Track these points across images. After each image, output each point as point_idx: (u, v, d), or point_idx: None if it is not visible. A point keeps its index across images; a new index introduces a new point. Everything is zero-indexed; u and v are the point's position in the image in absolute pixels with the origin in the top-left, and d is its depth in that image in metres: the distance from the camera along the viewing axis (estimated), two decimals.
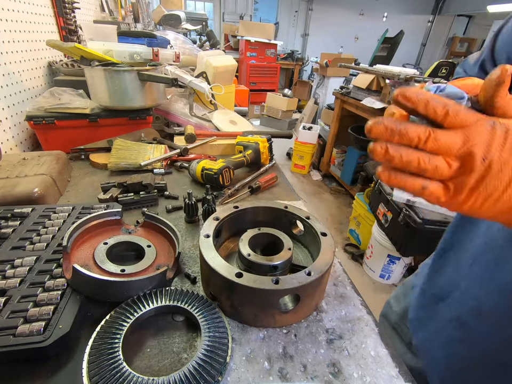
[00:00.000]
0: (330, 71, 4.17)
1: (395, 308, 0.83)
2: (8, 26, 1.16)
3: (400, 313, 0.80)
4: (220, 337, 0.48)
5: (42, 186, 0.80)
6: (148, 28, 3.57)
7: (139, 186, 0.88)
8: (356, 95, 2.98)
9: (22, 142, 1.19)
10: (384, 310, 0.89)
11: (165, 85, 1.35)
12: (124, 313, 0.50)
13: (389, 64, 3.52)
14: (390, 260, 2.11)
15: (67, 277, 0.54)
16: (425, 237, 1.60)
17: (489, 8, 6.28)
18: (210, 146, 1.25)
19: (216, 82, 1.52)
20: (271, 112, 5.49)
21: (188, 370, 0.43)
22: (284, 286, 0.49)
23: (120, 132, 1.19)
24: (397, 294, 0.86)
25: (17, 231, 0.66)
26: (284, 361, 0.50)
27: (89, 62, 1.13)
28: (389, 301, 0.89)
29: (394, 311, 0.83)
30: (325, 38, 8.00)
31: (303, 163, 3.88)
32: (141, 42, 1.31)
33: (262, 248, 0.67)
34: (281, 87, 7.04)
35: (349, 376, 0.48)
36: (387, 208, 1.83)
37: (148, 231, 0.71)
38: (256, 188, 0.99)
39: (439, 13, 8.17)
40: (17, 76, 1.21)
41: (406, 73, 2.30)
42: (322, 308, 0.60)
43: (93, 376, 0.41)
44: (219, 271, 0.51)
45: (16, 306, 0.49)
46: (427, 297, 0.65)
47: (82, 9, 2.09)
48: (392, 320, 0.83)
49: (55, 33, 1.65)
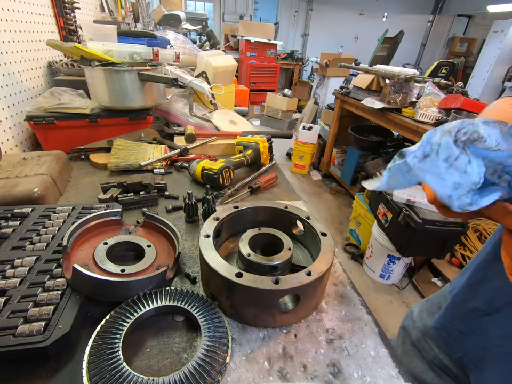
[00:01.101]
0: (330, 71, 4.17)
1: (418, 324, 0.80)
2: (8, 26, 1.16)
3: (422, 330, 0.77)
4: (219, 337, 0.48)
5: (42, 186, 0.80)
6: (148, 28, 3.56)
7: (139, 186, 0.88)
8: (356, 95, 2.98)
9: (22, 142, 1.19)
10: (406, 322, 0.86)
11: (165, 85, 1.35)
12: (124, 313, 0.50)
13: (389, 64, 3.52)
14: (390, 260, 2.11)
15: (67, 277, 0.54)
16: (425, 237, 1.60)
17: (489, 8, 6.28)
18: (210, 146, 1.25)
19: (216, 82, 1.52)
20: (271, 112, 5.49)
21: (188, 370, 0.43)
22: (284, 286, 0.49)
23: (120, 132, 1.19)
24: (421, 309, 0.82)
25: (17, 231, 0.66)
26: (283, 361, 0.50)
27: (89, 62, 1.13)
28: (411, 314, 0.85)
29: (416, 327, 0.80)
30: (325, 38, 8.00)
31: (303, 163, 3.88)
32: (141, 42, 1.31)
33: (262, 248, 0.67)
34: (281, 87, 7.04)
35: (349, 376, 0.48)
36: (387, 208, 1.83)
37: (148, 231, 0.71)
38: (256, 188, 0.99)
39: (439, 13, 8.17)
40: (17, 76, 1.21)
41: (406, 73, 2.30)
42: (322, 308, 0.60)
43: (93, 376, 0.41)
44: (219, 271, 0.51)
45: (16, 306, 0.49)
46: (469, 308, 0.62)
47: (82, 9, 2.09)
48: (414, 336, 0.80)
49: (55, 33, 1.65)
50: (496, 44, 5.05)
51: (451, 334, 0.66)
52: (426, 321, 0.77)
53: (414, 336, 0.80)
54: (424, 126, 2.08)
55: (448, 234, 1.59)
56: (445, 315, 0.68)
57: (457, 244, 2.13)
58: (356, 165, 3.11)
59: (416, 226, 1.57)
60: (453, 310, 0.67)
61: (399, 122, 2.33)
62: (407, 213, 1.64)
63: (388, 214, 1.82)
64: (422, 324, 0.78)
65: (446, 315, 0.68)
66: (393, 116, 2.40)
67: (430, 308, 0.79)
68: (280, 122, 5.40)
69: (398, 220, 1.70)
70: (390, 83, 2.43)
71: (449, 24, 8.43)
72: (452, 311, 0.67)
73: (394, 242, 1.84)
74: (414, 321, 0.81)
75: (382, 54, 5.74)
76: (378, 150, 3.05)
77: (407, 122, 2.23)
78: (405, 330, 0.84)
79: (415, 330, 0.80)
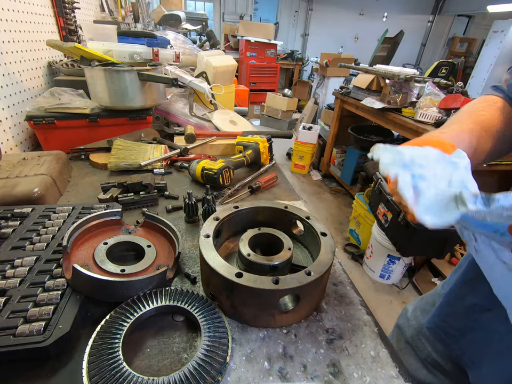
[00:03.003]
0: (330, 71, 4.17)
1: (412, 322, 0.80)
2: (8, 26, 1.16)
3: (417, 328, 0.78)
4: (220, 337, 0.48)
5: (42, 186, 0.80)
6: (148, 28, 3.56)
7: (139, 186, 0.88)
8: (356, 95, 2.98)
9: (22, 142, 1.19)
10: (401, 321, 0.86)
11: (165, 85, 1.35)
12: (124, 313, 0.50)
13: (389, 64, 3.52)
14: (390, 260, 2.11)
15: (67, 277, 0.54)
16: (425, 237, 1.60)
17: (489, 8, 6.29)
18: (210, 146, 1.25)
19: (216, 82, 1.52)
20: (271, 112, 5.49)
21: (188, 370, 0.43)
22: (284, 286, 0.49)
23: (120, 132, 1.19)
24: (415, 308, 0.82)
25: (17, 231, 0.66)
26: (283, 361, 0.50)
27: (89, 62, 1.13)
28: (405, 313, 0.85)
29: (411, 325, 0.80)
30: (325, 38, 8.00)
31: (303, 163, 3.88)
32: (141, 42, 1.31)
33: (262, 248, 0.67)
34: (281, 87, 7.04)
35: (349, 376, 0.48)
36: (387, 208, 1.82)
37: (148, 231, 0.71)
38: (256, 188, 0.99)
39: (439, 13, 8.18)
40: (17, 76, 1.21)
41: (406, 73, 2.30)
42: (322, 308, 0.60)
43: (93, 376, 0.41)
44: (219, 271, 0.51)
45: (16, 306, 0.49)
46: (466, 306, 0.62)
47: (82, 9, 2.09)
48: (408, 335, 0.80)
49: (55, 33, 1.65)
50: (496, 44, 5.06)
51: (447, 333, 0.66)
52: (421, 320, 0.78)
53: (408, 335, 0.80)
54: (424, 126, 2.08)
55: (448, 234, 1.56)
56: (439, 314, 0.68)
57: (457, 243, 2.13)
58: (355, 165, 3.11)
59: (416, 226, 1.57)
60: (448, 308, 0.67)
61: (399, 122, 2.33)
62: None
63: (388, 214, 1.81)
64: (416, 322, 0.79)
65: (440, 314, 0.68)
66: (393, 115, 2.40)
67: (424, 306, 0.79)
68: (280, 122, 5.40)
69: (398, 220, 1.69)
70: (390, 83, 2.43)
71: (449, 24, 8.44)
72: (447, 309, 0.67)
73: (394, 242, 1.82)
74: (409, 320, 0.82)
75: (382, 54, 5.74)
76: None
77: (407, 122, 2.23)
78: (400, 328, 0.85)
79: (409, 329, 0.80)
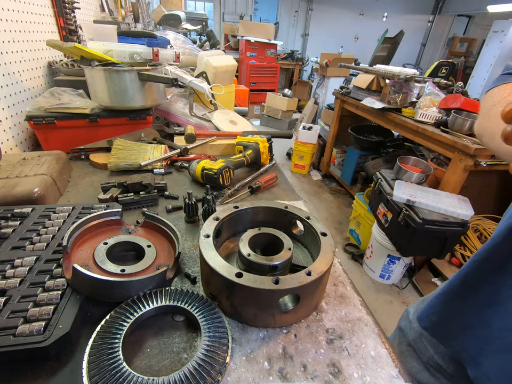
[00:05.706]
0: (330, 71, 4.17)
1: (414, 324, 0.80)
2: (8, 26, 1.16)
3: (418, 330, 0.77)
4: (220, 337, 0.48)
5: (42, 186, 0.80)
6: (148, 28, 3.57)
7: (139, 186, 0.88)
8: (356, 95, 2.98)
9: (22, 142, 1.19)
10: (402, 323, 0.85)
11: (165, 85, 1.35)
12: (124, 313, 0.50)
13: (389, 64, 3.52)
14: (390, 260, 2.11)
15: (67, 277, 0.54)
16: (425, 237, 1.60)
17: (489, 8, 6.28)
18: (210, 146, 1.25)
19: (216, 82, 1.52)
20: (271, 112, 5.49)
21: (188, 370, 0.43)
22: (284, 286, 0.49)
23: (120, 132, 1.19)
24: (417, 310, 0.81)
25: (17, 231, 0.66)
26: (283, 361, 0.50)
27: (89, 62, 1.13)
28: (407, 315, 0.84)
29: (412, 328, 0.80)
30: (325, 38, 8.01)
31: (303, 163, 3.88)
32: (141, 42, 1.31)
33: (262, 248, 0.67)
34: (281, 87, 7.04)
35: (349, 376, 0.48)
36: (387, 208, 1.83)
37: (148, 231, 0.71)
38: (256, 188, 0.99)
39: (439, 13, 8.18)
40: (17, 76, 1.21)
41: (406, 73, 2.30)
42: (322, 308, 0.60)
43: (93, 376, 0.41)
44: (219, 271, 0.51)
45: (16, 306, 0.49)
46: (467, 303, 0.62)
47: (82, 9, 2.09)
48: (410, 337, 0.80)
49: (55, 33, 1.65)
50: (496, 44, 5.06)
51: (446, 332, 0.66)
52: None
53: (410, 337, 0.80)
54: (424, 126, 2.08)
55: (448, 234, 1.59)
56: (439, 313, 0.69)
57: (457, 243, 2.13)
58: (356, 165, 3.11)
59: (416, 226, 1.57)
60: (446, 307, 0.67)
61: (399, 122, 2.34)
62: (407, 213, 1.64)
63: (388, 214, 1.82)
64: (418, 325, 0.78)
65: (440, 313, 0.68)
66: (393, 115, 2.40)
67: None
68: (280, 122, 5.40)
69: (398, 220, 1.70)
70: (390, 83, 2.43)
71: (449, 24, 8.44)
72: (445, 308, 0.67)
73: (394, 242, 1.84)
74: (411, 322, 0.81)
75: (382, 54, 5.73)
76: (378, 150, 3.05)
77: (407, 122, 2.23)
78: (401, 331, 0.84)
79: (411, 331, 0.80)
